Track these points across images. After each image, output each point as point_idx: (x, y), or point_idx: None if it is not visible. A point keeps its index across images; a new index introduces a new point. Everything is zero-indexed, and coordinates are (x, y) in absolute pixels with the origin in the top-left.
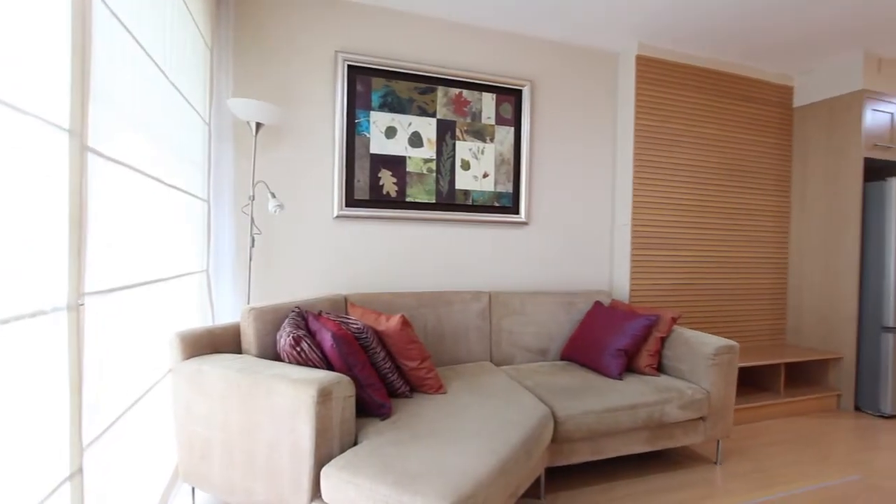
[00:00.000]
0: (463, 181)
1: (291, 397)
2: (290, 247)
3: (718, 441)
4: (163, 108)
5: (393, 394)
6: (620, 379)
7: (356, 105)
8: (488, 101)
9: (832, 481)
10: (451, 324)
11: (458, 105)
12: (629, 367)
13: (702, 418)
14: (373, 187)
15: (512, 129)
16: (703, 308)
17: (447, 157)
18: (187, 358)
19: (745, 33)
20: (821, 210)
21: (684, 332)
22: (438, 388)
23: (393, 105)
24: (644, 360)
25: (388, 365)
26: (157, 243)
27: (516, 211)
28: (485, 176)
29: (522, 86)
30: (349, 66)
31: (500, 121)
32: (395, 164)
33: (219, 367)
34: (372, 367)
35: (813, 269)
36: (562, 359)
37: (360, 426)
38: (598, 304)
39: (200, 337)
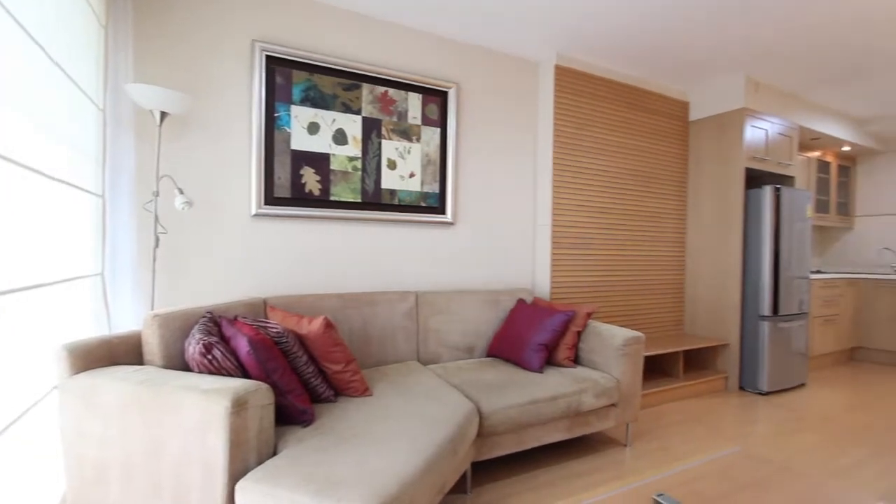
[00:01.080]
0: (389, 181)
1: (202, 409)
2: (203, 247)
3: (628, 425)
4: (44, 90)
5: (316, 399)
6: (541, 372)
7: (276, 98)
8: (415, 101)
9: (719, 453)
10: (377, 325)
11: (385, 104)
12: (549, 360)
13: (613, 405)
14: (294, 185)
15: (438, 129)
16: (615, 303)
17: (373, 155)
18: (78, 372)
19: (650, 52)
20: (711, 213)
21: (598, 326)
22: (364, 391)
23: (316, 100)
24: (563, 353)
25: (310, 369)
26: (38, 244)
27: (443, 211)
28: (411, 176)
29: (448, 88)
30: (268, 57)
31: (427, 121)
32: (319, 161)
33: (116, 380)
34: (293, 373)
35: (704, 266)
36: (488, 355)
37: (280, 435)
38: (521, 301)
39: (94, 348)
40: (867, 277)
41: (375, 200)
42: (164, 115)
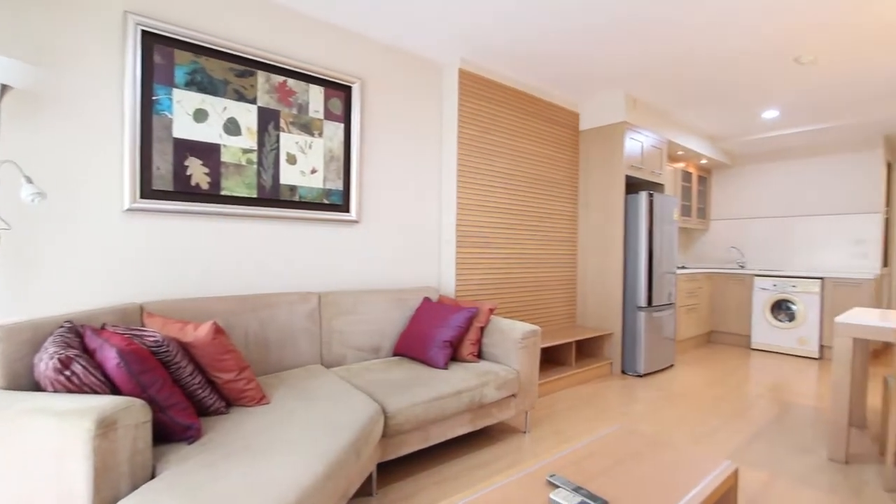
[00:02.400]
0: (289, 176)
1: (57, 434)
2: (62, 247)
3: (527, 413)
4: None
5: (205, 412)
6: (447, 368)
7: (154, 79)
8: (316, 94)
9: (603, 432)
10: (276, 328)
11: (283, 94)
12: (454, 356)
13: (513, 395)
14: (178, 177)
15: (342, 125)
16: (515, 299)
17: (270, 148)
18: None
19: (547, 65)
20: (598, 216)
21: (499, 321)
22: (261, 399)
23: (204, 85)
24: (467, 348)
25: (197, 380)
26: None
27: (347, 209)
28: (313, 172)
29: (353, 83)
30: (144, 32)
31: (330, 116)
32: (207, 151)
33: None
34: (175, 385)
35: (593, 263)
36: (394, 355)
37: (160, 455)
38: (426, 300)
39: None
40: (720, 272)
41: (274, 196)
42: (4, 88)
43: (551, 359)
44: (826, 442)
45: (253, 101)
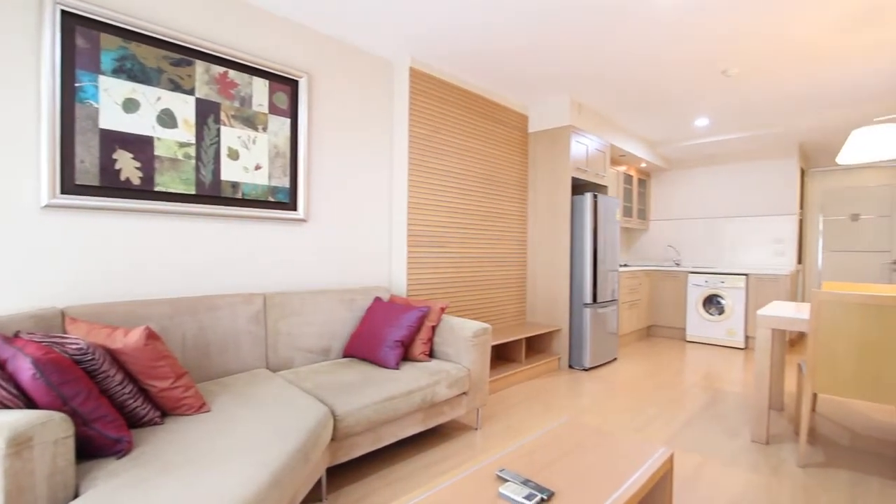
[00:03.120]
0: (231, 172)
1: None
2: None
3: (478, 410)
4: None
5: (137, 423)
6: (398, 368)
7: (77, 65)
8: (260, 87)
9: (550, 425)
10: (217, 332)
11: (224, 86)
12: (406, 356)
13: (465, 393)
14: (105, 171)
15: (288, 120)
16: (467, 297)
17: (210, 143)
18: None
19: (497, 68)
20: (546, 215)
21: (451, 320)
22: (200, 407)
23: (135, 73)
24: (418, 347)
25: (127, 390)
26: None
27: (294, 207)
28: (257, 168)
29: (299, 77)
30: (64, 13)
31: (275, 110)
32: (139, 144)
33: None
34: (102, 396)
35: (542, 261)
36: (345, 356)
37: (85, 472)
38: (377, 299)
39: None
40: (658, 269)
41: (214, 193)
42: None
43: (502, 355)
44: (750, 425)
45: (191, 93)
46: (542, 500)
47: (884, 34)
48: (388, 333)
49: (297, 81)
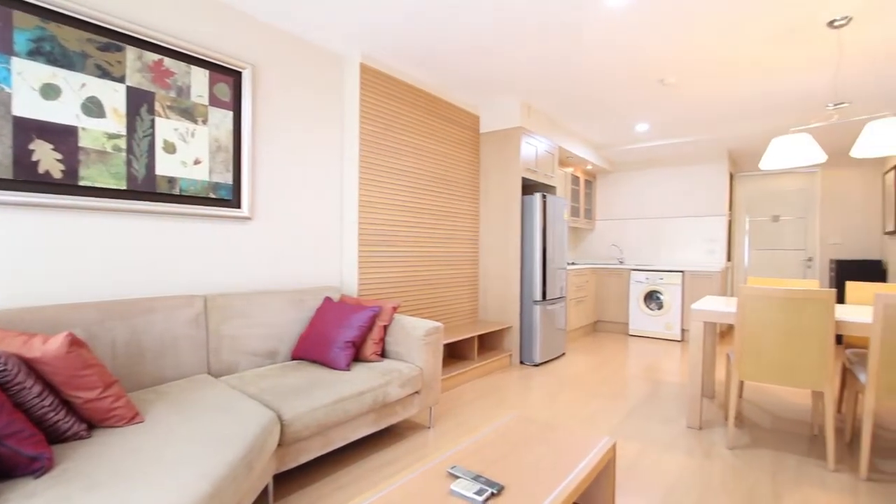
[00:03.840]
0: (167, 166)
1: None
2: None
3: (430, 408)
4: None
5: (59, 438)
6: (349, 369)
7: None
8: (200, 78)
9: (501, 421)
10: (152, 336)
11: (159, 74)
12: (357, 356)
13: (417, 392)
14: (20, 163)
15: (231, 113)
16: (419, 296)
17: (144, 134)
18: None
19: (447, 67)
20: (497, 215)
21: (403, 319)
22: (132, 418)
23: (55, 56)
24: (370, 348)
25: (47, 402)
26: None
27: (238, 205)
28: (196, 163)
29: (243, 68)
30: None
31: (216, 102)
32: (61, 134)
33: None
34: (17, 410)
35: (493, 260)
36: (293, 359)
37: None
38: (327, 299)
39: None
40: (603, 267)
41: (148, 189)
42: None
43: (455, 353)
44: (685, 412)
45: (121, 80)
46: (492, 494)
47: (801, 52)
48: (338, 334)
49: (240, 73)
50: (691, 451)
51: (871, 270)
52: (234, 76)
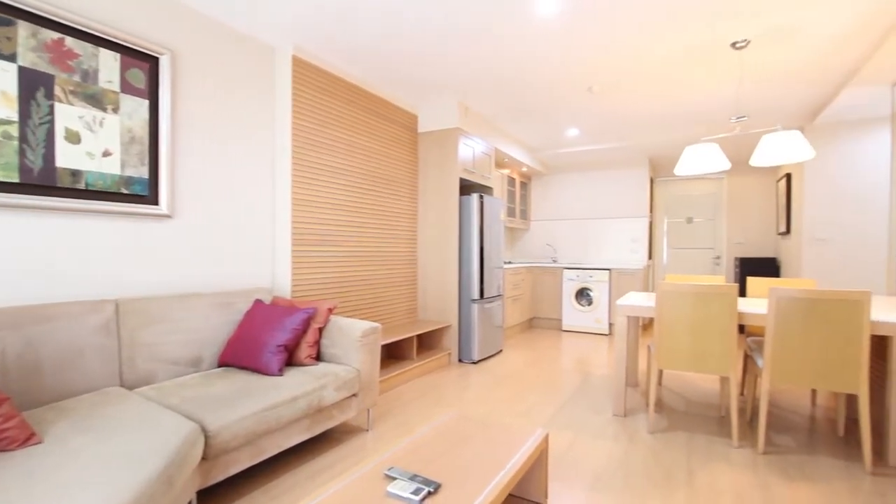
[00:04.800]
0: (70, 158)
1: None
2: None
3: (369, 410)
4: None
5: None
6: (282, 374)
7: None
8: (109, 61)
9: (439, 420)
10: (52, 347)
11: (59, 55)
12: (290, 360)
13: (354, 395)
14: None
15: (147, 102)
16: (357, 297)
17: (40, 122)
18: None
19: (385, 65)
20: (436, 214)
21: (339, 321)
22: (28, 439)
23: None
24: (304, 351)
25: None
26: None
27: (155, 201)
28: (106, 155)
29: (161, 54)
30: None
31: (129, 89)
32: None
33: None
34: None
35: (432, 259)
36: (220, 365)
37: None
38: (258, 302)
39: None
40: (538, 265)
41: (47, 182)
42: None
43: (394, 354)
44: (612, 401)
45: (11, 59)
46: (429, 492)
47: (708, 69)
48: (270, 338)
49: (157, 59)
50: (617, 438)
51: (768, 267)
52: (151, 62)
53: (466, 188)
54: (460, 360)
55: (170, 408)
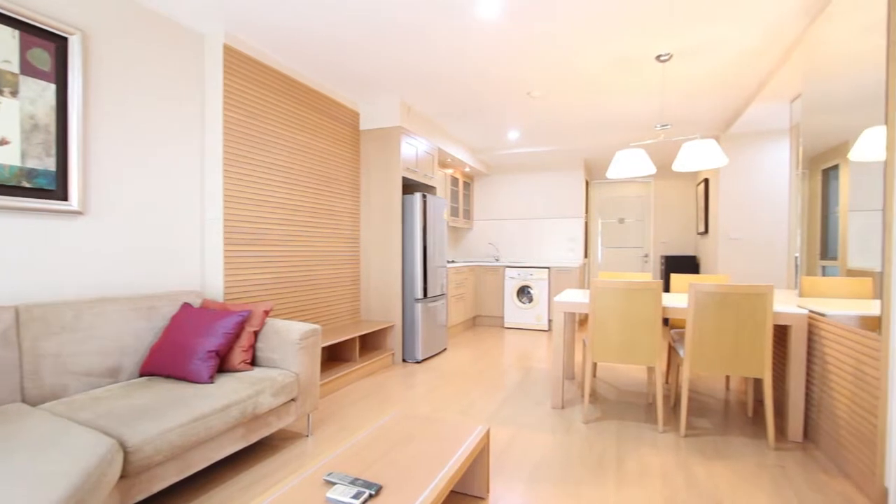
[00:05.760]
0: None
1: None
2: None
3: (309, 415)
4: None
5: None
6: (212, 382)
7: None
8: (6, 38)
9: (381, 420)
10: None
11: None
12: (223, 367)
13: (293, 399)
14: None
15: (53, 86)
16: (296, 298)
17: None
18: None
19: (325, 60)
20: (379, 214)
21: (276, 323)
22: None
23: None
24: (238, 356)
25: None
26: None
27: (64, 196)
28: (3, 143)
29: (70, 33)
30: None
31: (32, 71)
32: None
33: None
34: None
35: (375, 259)
36: (142, 375)
37: None
38: (186, 305)
39: None
40: (481, 264)
41: None
42: None
43: (336, 356)
44: (550, 394)
45: None
46: (370, 495)
47: (636, 80)
48: (199, 344)
49: (66, 39)
50: (554, 429)
51: (689, 264)
52: (58, 42)
53: (409, 187)
54: (404, 360)
55: (82, 423)
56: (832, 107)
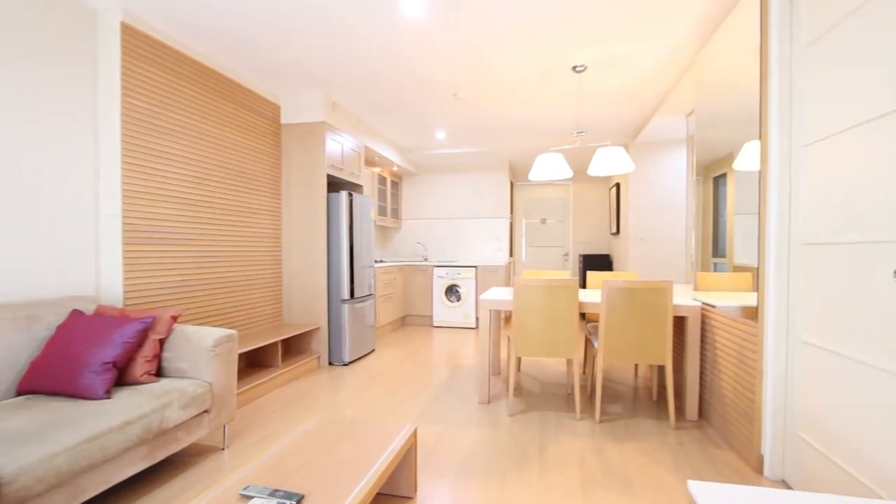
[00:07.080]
0: None
1: None
2: None
3: (225, 427)
4: None
5: None
6: (109, 397)
7: None
8: None
9: (303, 427)
10: None
11: None
12: (122, 380)
13: (206, 411)
14: None
15: None
16: (210, 302)
17: None
18: None
19: (240, 46)
20: (301, 212)
21: (186, 330)
22: None
23: None
24: (140, 367)
25: None
26: None
27: None
28: None
29: None
30: None
31: None
32: None
33: None
34: None
35: (298, 259)
36: (19, 394)
37: None
38: (76, 313)
39: None
40: (409, 264)
41: None
42: None
43: (257, 362)
44: (477, 390)
45: None
46: None
47: (554, 88)
48: (92, 355)
49: None
50: (481, 424)
51: (604, 262)
52: None
53: (335, 185)
54: (331, 363)
55: None
56: (720, 121)
